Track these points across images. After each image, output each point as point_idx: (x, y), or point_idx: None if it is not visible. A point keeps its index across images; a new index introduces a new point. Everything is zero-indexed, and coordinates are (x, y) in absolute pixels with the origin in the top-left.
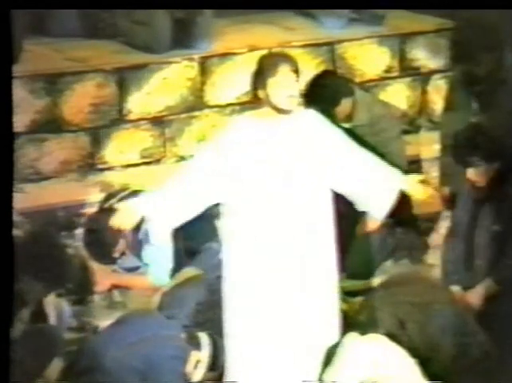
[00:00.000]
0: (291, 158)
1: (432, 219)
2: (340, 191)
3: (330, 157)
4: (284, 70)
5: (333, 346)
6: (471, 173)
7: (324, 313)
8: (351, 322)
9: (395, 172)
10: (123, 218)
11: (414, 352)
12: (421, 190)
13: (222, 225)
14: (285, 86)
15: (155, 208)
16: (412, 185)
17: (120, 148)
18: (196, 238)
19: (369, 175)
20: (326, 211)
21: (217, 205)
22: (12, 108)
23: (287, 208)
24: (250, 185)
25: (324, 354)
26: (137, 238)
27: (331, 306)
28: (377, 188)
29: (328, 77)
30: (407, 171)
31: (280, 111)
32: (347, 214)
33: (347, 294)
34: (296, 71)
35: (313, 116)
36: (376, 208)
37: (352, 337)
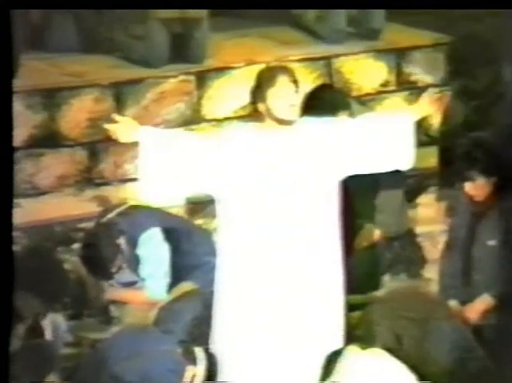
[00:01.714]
0: (293, 167)
1: (430, 233)
2: (359, 170)
3: (337, 146)
4: (283, 81)
5: (332, 355)
6: (469, 187)
7: (325, 324)
8: (349, 336)
9: (402, 119)
10: (120, 129)
11: (411, 367)
12: (432, 106)
13: (219, 238)
14: (285, 96)
15: (154, 143)
16: (421, 111)
17: (117, 162)
18: (193, 253)
19: (380, 135)
20: (331, 225)
21: (214, 218)
22: (12, 124)
23: (288, 219)
24: (249, 191)
25: (323, 363)
26: (134, 253)
27: (332, 318)
28: (393, 141)
29: (326, 91)
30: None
31: (281, 122)
32: (346, 228)
33: (346, 309)
34: (295, 81)
35: (312, 121)
36: (401, 159)
37: (354, 350)
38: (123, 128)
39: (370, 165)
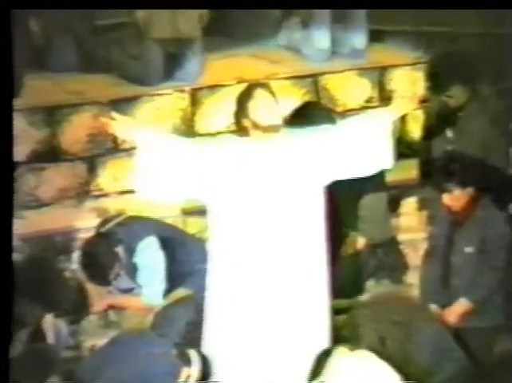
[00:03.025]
0: (279, 175)
1: (411, 241)
2: (344, 174)
3: (321, 152)
4: (260, 93)
5: (322, 355)
6: (447, 198)
7: (312, 327)
8: (335, 338)
9: (380, 120)
10: (115, 125)
11: (394, 367)
12: (407, 105)
13: (210, 244)
14: (265, 105)
15: (151, 143)
16: (397, 111)
17: (115, 175)
18: (187, 261)
19: (360, 137)
20: (316, 231)
21: (206, 229)
22: (12, 140)
23: (275, 225)
24: (237, 199)
25: (312, 362)
26: (131, 261)
27: (318, 321)
28: (373, 141)
29: (312, 107)
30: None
31: (265, 129)
32: (332, 236)
33: (332, 312)
34: (272, 93)
35: (295, 132)
36: (383, 159)
37: (342, 351)
38: (121, 124)
39: (354, 168)
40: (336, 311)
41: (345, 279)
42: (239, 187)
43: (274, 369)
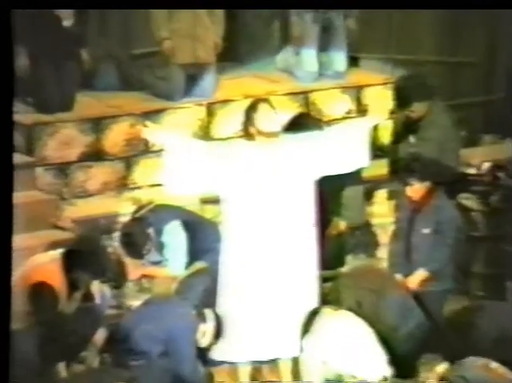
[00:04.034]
0: (278, 171)
1: (382, 224)
2: (330, 171)
3: (312, 153)
4: (263, 106)
5: (311, 314)
6: (409, 190)
7: (304, 292)
8: (322, 301)
9: (359, 127)
10: (146, 131)
11: (368, 323)
12: (379, 117)
13: (223, 226)
14: (267, 115)
15: (177, 146)
16: (371, 121)
17: (147, 172)
18: (204, 240)
19: (343, 141)
20: (309, 217)
21: (220, 215)
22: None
23: (275, 212)
24: (245, 190)
25: (304, 319)
26: (160, 240)
27: (309, 288)
28: (352, 145)
29: (304, 117)
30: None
31: (268, 135)
32: (320, 220)
33: (320, 281)
34: (272, 106)
35: (291, 137)
36: (361, 158)
37: (328, 311)
38: (151, 131)
39: (337, 166)
40: (323, 280)
41: (330, 254)
42: (247, 180)
43: (274, 324)
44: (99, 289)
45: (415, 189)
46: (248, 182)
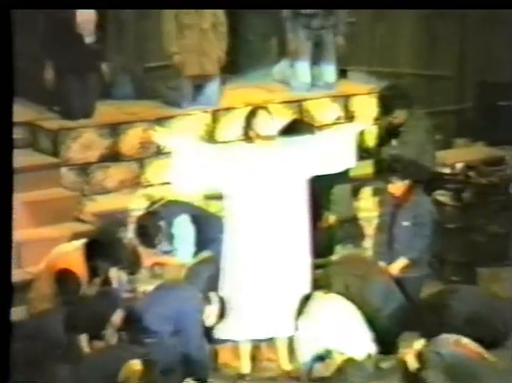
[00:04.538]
0: (275, 170)
1: (367, 218)
2: (321, 170)
3: (305, 155)
4: (261, 112)
5: (304, 297)
6: (391, 188)
7: (298, 278)
8: (314, 285)
9: (347, 132)
10: (157, 135)
11: (355, 305)
12: (364, 122)
13: (225, 219)
14: (265, 121)
15: (184, 148)
16: (358, 126)
17: (158, 172)
18: (210, 231)
19: (333, 144)
20: (302, 211)
21: (223, 209)
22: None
23: (272, 207)
24: (246, 187)
25: (298, 303)
26: (170, 232)
27: (303, 274)
28: (341, 147)
29: (298, 123)
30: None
31: (265, 138)
32: (312, 214)
33: (312, 268)
34: (270, 113)
35: (287, 140)
36: (349, 160)
37: (319, 295)
38: (162, 135)
39: (328, 166)
40: (315, 267)
41: (321, 244)
42: (247, 179)
43: (271, 307)
44: (116, 275)
45: (397, 187)
46: (248, 180)
